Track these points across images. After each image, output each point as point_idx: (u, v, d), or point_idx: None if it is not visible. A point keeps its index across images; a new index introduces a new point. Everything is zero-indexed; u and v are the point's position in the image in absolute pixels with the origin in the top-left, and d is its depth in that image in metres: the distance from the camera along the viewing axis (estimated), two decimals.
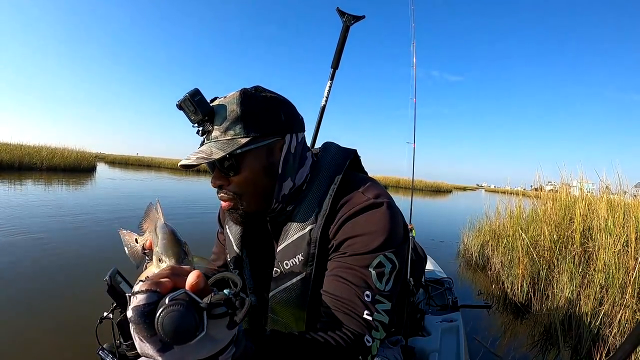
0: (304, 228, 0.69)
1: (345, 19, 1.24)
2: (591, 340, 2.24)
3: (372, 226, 0.66)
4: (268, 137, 0.68)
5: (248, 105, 0.66)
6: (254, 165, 0.68)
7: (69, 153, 15.45)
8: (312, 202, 0.71)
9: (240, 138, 0.65)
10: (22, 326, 2.06)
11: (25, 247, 3.50)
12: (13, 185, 8.44)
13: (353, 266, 0.64)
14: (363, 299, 0.61)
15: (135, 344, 0.37)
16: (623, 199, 3.22)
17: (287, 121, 0.70)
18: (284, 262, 0.71)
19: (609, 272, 2.47)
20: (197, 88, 0.65)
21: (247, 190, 0.69)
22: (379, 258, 0.64)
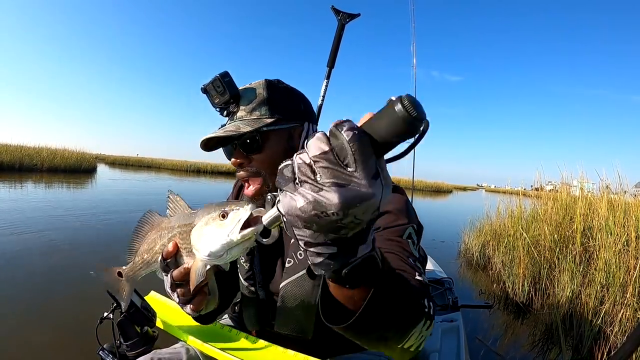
0: None
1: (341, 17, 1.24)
2: (592, 339, 2.24)
3: (397, 204, 0.69)
4: (290, 121, 0.73)
5: (273, 91, 0.72)
6: (276, 146, 0.72)
7: (69, 154, 15.45)
8: None
9: (265, 118, 0.70)
10: (22, 326, 2.06)
11: (26, 247, 3.50)
12: (14, 186, 8.44)
13: (390, 238, 0.64)
14: (410, 264, 0.59)
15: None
16: (623, 198, 3.22)
17: (305, 111, 0.77)
18: (297, 252, 0.73)
19: (609, 271, 2.46)
20: (226, 71, 0.69)
21: (267, 169, 0.71)
22: (409, 229, 0.66)
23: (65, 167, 14.36)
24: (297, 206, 0.30)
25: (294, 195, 0.31)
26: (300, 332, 0.75)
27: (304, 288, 0.72)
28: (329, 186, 0.29)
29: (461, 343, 1.43)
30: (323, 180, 0.29)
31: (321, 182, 0.30)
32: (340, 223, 0.30)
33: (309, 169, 0.30)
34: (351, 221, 0.30)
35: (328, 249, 0.33)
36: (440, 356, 1.28)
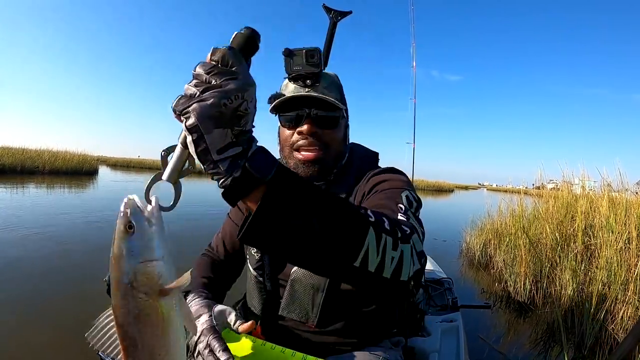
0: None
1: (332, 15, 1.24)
2: (594, 337, 2.24)
3: (396, 175, 0.78)
4: (346, 113, 0.85)
5: (339, 83, 0.83)
6: (341, 129, 0.83)
7: (70, 156, 15.49)
8: (347, 181, 0.82)
9: (338, 103, 0.77)
10: (22, 326, 2.08)
11: (26, 248, 3.51)
12: (16, 188, 8.47)
13: (385, 194, 0.70)
14: (397, 208, 0.63)
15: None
16: (624, 196, 3.21)
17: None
18: None
19: (611, 269, 2.46)
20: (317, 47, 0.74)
21: (334, 144, 0.80)
22: (406, 192, 0.69)
23: (67, 169, 14.40)
24: (208, 103, 0.36)
25: (203, 97, 0.37)
26: (305, 317, 0.77)
27: (315, 277, 0.75)
28: (226, 81, 0.38)
29: (461, 343, 1.43)
30: (219, 81, 0.38)
31: (219, 82, 0.38)
32: (240, 110, 0.38)
33: (205, 79, 0.38)
34: (246, 107, 0.39)
35: (235, 149, 0.39)
36: (440, 356, 1.28)
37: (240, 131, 0.39)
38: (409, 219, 0.59)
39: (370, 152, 0.94)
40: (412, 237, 0.52)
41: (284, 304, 0.79)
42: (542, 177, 4.52)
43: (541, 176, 4.51)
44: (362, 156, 0.90)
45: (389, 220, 0.50)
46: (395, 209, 0.62)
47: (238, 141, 0.39)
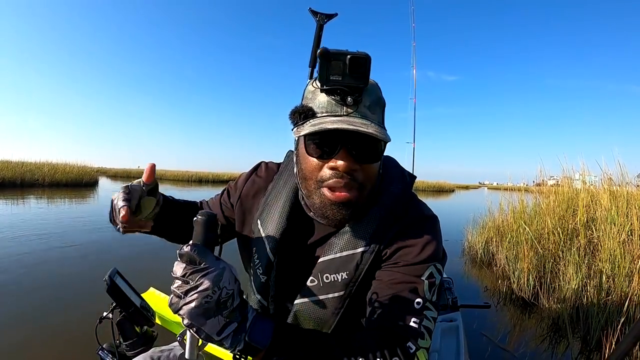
0: (355, 247, 0.65)
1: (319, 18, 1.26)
2: (600, 330, 2.22)
3: (425, 238, 0.65)
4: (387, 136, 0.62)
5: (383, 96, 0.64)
6: (379, 160, 0.64)
7: (70, 168, 15.52)
8: (372, 222, 0.66)
9: (382, 129, 0.60)
10: (22, 326, 2.08)
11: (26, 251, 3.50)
12: (16, 201, 8.47)
13: (406, 276, 0.63)
14: (413, 307, 0.60)
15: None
16: (625, 188, 3.21)
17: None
18: (324, 274, 0.66)
19: (614, 261, 2.45)
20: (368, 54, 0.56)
21: (370, 182, 0.64)
22: (431, 269, 0.64)
23: (67, 181, 14.42)
24: (192, 306, 0.43)
25: (187, 300, 0.43)
26: None
27: (322, 312, 0.66)
28: (200, 278, 0.43)
29: (461, 342, 1.42)
30: (196, 282, 0.43)
31: (195, 282, 0.43)
32: (221, 297, 0.44)
33: (184, 282, 0.44)
34: (226, 292, 0.45)
35: (231, 326, 0.46)
36: (440, 356, 1.28)
37: (229, 311, 0.46)
38: (421, 322, 0.59)
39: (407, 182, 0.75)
40: (414, 357, 0.57)
41: None
42: (542, 174, 4.53)
43: (541, 172, 4.51)
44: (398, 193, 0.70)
45: (386, 349, 0.55)
46: (409, 309, 0.60)
47: (231, 319, 0.46)
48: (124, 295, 0.78)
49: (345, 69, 0.55)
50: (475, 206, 5.98)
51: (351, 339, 0.56)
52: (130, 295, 0.79)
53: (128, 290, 0.80)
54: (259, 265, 0.71)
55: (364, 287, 0.66)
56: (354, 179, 0.60)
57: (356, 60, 0.55)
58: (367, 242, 0.65)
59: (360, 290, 0.65)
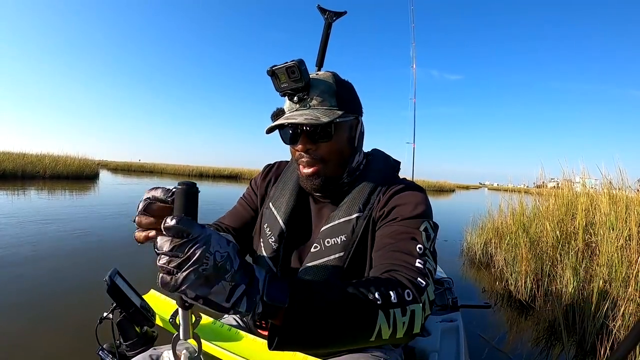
0: (350, 214, 0.78)
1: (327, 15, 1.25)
2: (595, 334, 2.23)
3: (417, 198, 0.77)
4: (351, 114, 0.79)
5: (340, 85, 0.79)
6: (341, 135, 0.79)
7: (71, 161, 15.51)
8: (362, 193, 0.80)
9: (335, 110, 0.75)
10: (21, 326, 2.08)
11: (26, 248, 3.52)
12: (17, 193, 8.48)
13: (405, 227, 0.71)
14: (416, 251, 0.66)
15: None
16: (625, 193, 3.21)
17: (360, 105, 0.84)
18: (325, 239, 0.77)
19: (612, 266, 2.46)
20: (302, 59, 0.71)
21: (332, 157, 0.78)
22: (425, 223, 0.72)
23: (68, 173, 14.42)
24: (193, 276, 0.41)
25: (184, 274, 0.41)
26: None
27: (324, 274, 0.75)
28: (190, 249, 0.41)
29: (461, 343, 1.43)
30: (186, 253, 0.41)
31: (187, 254, 0.41)
32: (216, 260, 0.42)
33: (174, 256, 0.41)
34: (220, 256, 0.43)
35: (239, 289, 0.44)
36: (440, 356, 1.29)
37: (231, 274, 0.44)
38: (425, 264, 0.65)
39: (390, 162, 0.91)
40: (425, 291, 0.60)
41: None
42: (543, 176, 4.53)
43: (542, 175, 4.51)
44: (380, 168, 0.87)
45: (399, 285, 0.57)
46: (413, 253, 0.66)
47: (236, 282, 0.44)
48: (124, 295, 0.79)
49: (287, 77, 0.71)
50: (475, 207, 5.98)
51: (365, 280, 0.58)
52: (131, 296, 0.80)
53: (128, 291, 0.81)
54: (271, 235, 0.84)
55: (362, 251, 0.76)
56: (315, 156, 0.77)
57: (289, 68, 0.70)
58: (360, 208, 0.78)
59: (359, 254, 0.76)
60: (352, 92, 0.82)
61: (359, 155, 0.85)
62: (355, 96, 0.83)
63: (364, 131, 0.87)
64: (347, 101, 0.79)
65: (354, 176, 0.84)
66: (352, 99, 0.81)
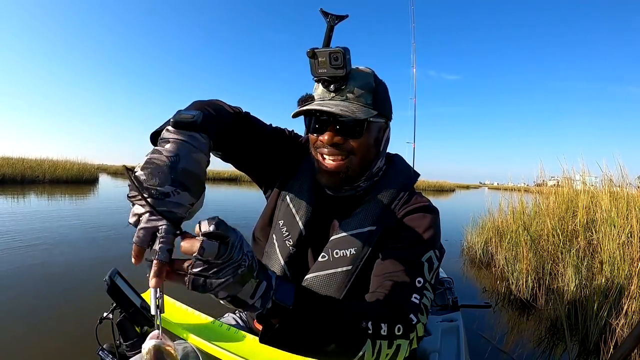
0: (363, 227, 0.74)
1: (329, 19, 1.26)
2: (598, 333, 2.22)
3: (427, 222, 0.75)
4: (383, 117, 0.77)
5: (378, 84, 0.76)
6: (371, 135, 0.76)
7: (71, 165, 15.49)
8: (378, 206, 0.77)
9: (370, 108, 0.72)
10: (21, 326, 2.08)
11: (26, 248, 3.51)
12: (16, 198, 8.48)
13: (410, 256, 0.70)
14: (415, 285, 0.66)
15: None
16: (626, 190, 3.21)
17: (391, 110, 0.81)
18: (334, 250, 0.74)
19: (614, 263, 2.45)
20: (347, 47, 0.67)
21: (358, 154, 0.74)
22: (430, 253, 0.71)
23: (67, 178, 14.40)
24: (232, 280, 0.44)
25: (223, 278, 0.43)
26: None
27: (329, 286, 0.72)
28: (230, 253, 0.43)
29: (461, 343, 1.42)
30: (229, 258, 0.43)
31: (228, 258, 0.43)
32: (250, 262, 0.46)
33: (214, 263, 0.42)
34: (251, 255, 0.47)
35: (262, 286, 0.48)
36: (440, 356, 1.28)
37: (257, 272, 0.48)
38: (422, 299, 0.66)
39: (410, 175, 0.86)
40: (415, 328, 0.62)
41: None
42: (543, 174, 4.53)
43: (542, 173, 4.51)
44: (399, 180, 0.82)
45: (391, 318, 0.60)
46: (412, 287, 0.66)
47: (260, 279, 0.48)
48: (124, 295, 0.78)
49: (327, 63, 0.68)
50: (475, 206, 5.98)
51: (360, 305, 0.62)
52: (131, 296, 0.80)
53: (128, 291, 0.81)
54: (289, 237, 0.80)
55: (369, 266, 0.73)
56: (341, 149, 0.73)
57: (333, 54, 0.66)
58: (374, 222, 0.74)
59: (366, 269, 0.73)
60: (387, 94, 0.79)
61: (380, 161, 0.82)
62: (389, 99, 0.80)
63: (389, 137, 0.83)
64: (383, 102, 0.76)
65: (371, 181, 0.81)
66: (386, 101, 0.78)
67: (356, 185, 0.79)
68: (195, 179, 0.47)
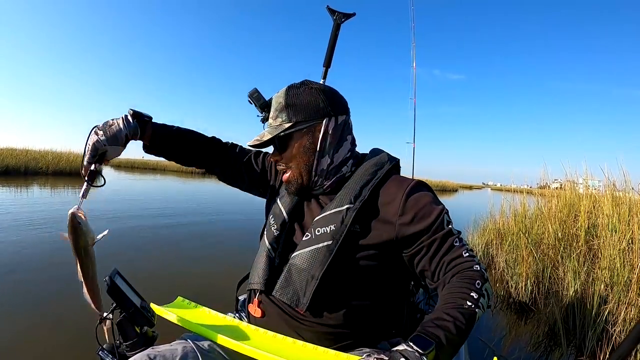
0: (341, 205, 0.81)
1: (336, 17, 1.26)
2: (596, 339, 2.22)
3: (429, 198, 0.81)
4: (307, 121, 0.84)
5: (290, 97, 0.85)
6: (297, 144, 0.85)
7: (74, 157, 15.56)
8: (353, 188, 0.83)
9: (284, 123, 0.84)
10: (21, 325, 2.09)
11: (26, 246, 3.54)
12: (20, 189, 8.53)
13: (435, 236, 0.77)
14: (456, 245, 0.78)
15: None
16: (628, 195, 3.19)
17: (325, 107, 0.85)
18: (316, 228, 0.81)
19: (613, 269, 2.44)
20: (255, 88, 0.89)
21: (293, 163, 0.86)
22: (445, 217, 0.79)
23: (71, 170, 14.48)
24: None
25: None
26: (296, 302, 0.80)
27: (311, 262, 0.78)
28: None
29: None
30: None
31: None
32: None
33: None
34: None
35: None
36: None
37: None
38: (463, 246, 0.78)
39: (385, 158, 0.91)
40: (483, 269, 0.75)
41: (279, 285, 0.82)
42: (546, 177, 4.51)
43: (545, 175, 4.49)
44: (373, 164, 0.88)
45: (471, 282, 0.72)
46: (456, 249, 0.77)
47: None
48: (125, 295, 0.79)
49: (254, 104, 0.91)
50: (477, 207, 5.97)
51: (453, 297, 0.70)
52: (131, 296, 0.81)
53: (128, 291, 0.82)
54: (275, 222, 0.91)
55: (350, 241, 0.79)
56: (282, 164, 0.89)
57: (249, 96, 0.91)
58: (351, 200, 0.81)
59: (347, 242, 0.78)
60: (309, 99, 0.84)
61: (329, 157, 0.86)
62: (315, 101, 0.84)
63: (334, 132, 0.86)
64: (301, 110, 0.84)
65: (339, 175, 0.88)
66: (308, 106, 0.84)
67: (320, 185, 0.88)
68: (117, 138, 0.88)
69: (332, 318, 0.81)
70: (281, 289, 0.82)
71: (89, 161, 0.87)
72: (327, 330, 0.81)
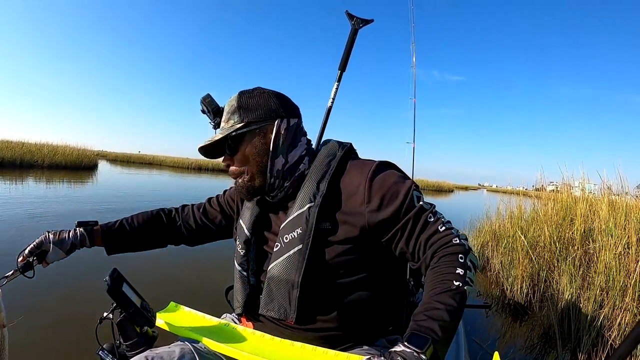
0: (303, 206, 0.79)
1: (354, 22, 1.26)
2: (591, 343, 2.23)
3: (394, 177, 0.79)
4: (259, 122, 0.82)
5: (242, 100, 0.84)
6: (249, 144, 0.83)
7: (70, 151, 15.46)
8: (311, 185, 0.81)
9: (236, 124, 0.82)
10: (21, 325, 2.06)
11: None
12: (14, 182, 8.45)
13: (407, 216, 0.75)
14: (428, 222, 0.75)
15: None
16: (624, 199, 3.21)
17: (277, 109, 0.84)
18: (284, 236, 0.79)
19: (609, 274, 2.46)
20: (208, 93, 0.87)
21: (245, 165, 0.84)
22: (413, 193, 0.76)
23: (66, 163, 14.38)
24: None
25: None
26: (284, 315, 0.78)
27: (287, 271, 0.77)
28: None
29: (460, 343, 1.43)
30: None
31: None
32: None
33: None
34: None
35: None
36: None
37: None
38: (438, 219, 0.76)
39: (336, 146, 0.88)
40: (463, 241, 0.72)
41: (263, 302, 0.81)
42: (542, 179, 4.53)
43: (541, 178, 4.51)
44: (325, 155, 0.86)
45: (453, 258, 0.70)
46: (434, 226, 0.75)
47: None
48: (125, 295, 0.79)
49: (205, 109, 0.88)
50: (473, 208, 5.99)
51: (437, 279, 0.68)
52: (131, 296, 0.80)
53: (128, 291, 0.81)
54: (239, 242, 0.90)
55: (320, 239, 0.77)
56: (233, 169, 0.85)
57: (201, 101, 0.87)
58: (310, 199, 0.79)
59: (318, 242, 0.77)
60: (262, 101, 0.83)
61: (282, 157, 0.84)
62: (266, 104, 0.83)
63: (287, 133, 0.84)
64: (253, 112, 0.83)
65: (298, 174, 0.85)
66: (260, 108, 0.83)
67: (279, 186, 0.85)
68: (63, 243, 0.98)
69: (326, 321, 0.80)
70: (266, 305, 0.81)
71: (30, 251, 0.93)
72: (323, 334, 0.80)
